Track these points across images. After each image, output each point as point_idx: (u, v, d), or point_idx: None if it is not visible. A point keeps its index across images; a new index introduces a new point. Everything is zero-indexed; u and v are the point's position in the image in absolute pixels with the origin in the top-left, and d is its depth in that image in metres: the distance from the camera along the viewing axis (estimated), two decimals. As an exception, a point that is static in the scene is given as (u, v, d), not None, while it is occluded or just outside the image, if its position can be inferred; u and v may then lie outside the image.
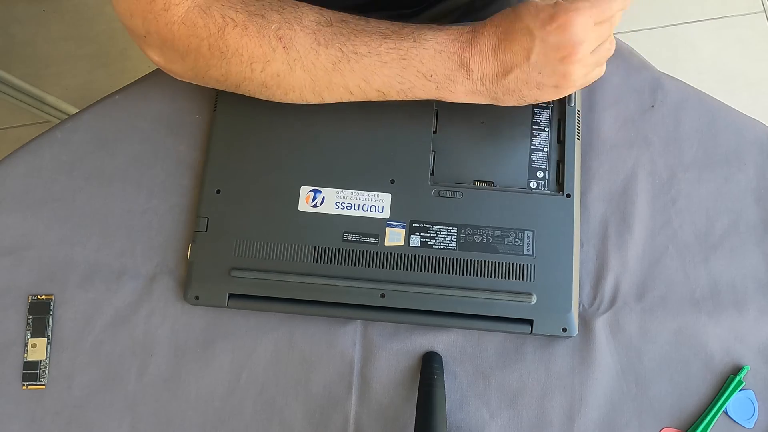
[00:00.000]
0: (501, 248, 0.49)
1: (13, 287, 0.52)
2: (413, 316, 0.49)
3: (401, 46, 0.45)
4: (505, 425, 0.48)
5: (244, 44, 0.45)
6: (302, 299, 0.49)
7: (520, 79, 0.45)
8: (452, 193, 0.50)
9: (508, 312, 0.48)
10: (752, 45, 1.22)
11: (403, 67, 0.45)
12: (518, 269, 0.49)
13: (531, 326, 0.48)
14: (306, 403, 0.49)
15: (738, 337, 0.50)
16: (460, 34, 0.46)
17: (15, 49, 1.23)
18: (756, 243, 0.52)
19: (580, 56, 0.44)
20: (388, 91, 0.47)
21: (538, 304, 0.48)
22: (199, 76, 0.48)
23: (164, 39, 0.46)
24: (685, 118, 0.54)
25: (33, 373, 0.50)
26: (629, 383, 0.49)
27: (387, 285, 0.48)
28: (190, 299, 0.50)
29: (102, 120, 0.55)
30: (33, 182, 0.54)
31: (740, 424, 0.49)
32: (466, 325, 0.49)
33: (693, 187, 0.53)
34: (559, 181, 0.51)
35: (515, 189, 0.50)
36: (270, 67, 0.46)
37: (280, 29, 0.45)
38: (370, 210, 0.50)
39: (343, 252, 0.49)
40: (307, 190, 0.51)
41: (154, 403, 0.50)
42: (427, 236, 0.49)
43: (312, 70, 0.46)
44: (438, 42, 0.45)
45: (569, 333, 0.48)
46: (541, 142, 0.51)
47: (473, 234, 0.49)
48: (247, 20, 0.45)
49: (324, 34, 0.45)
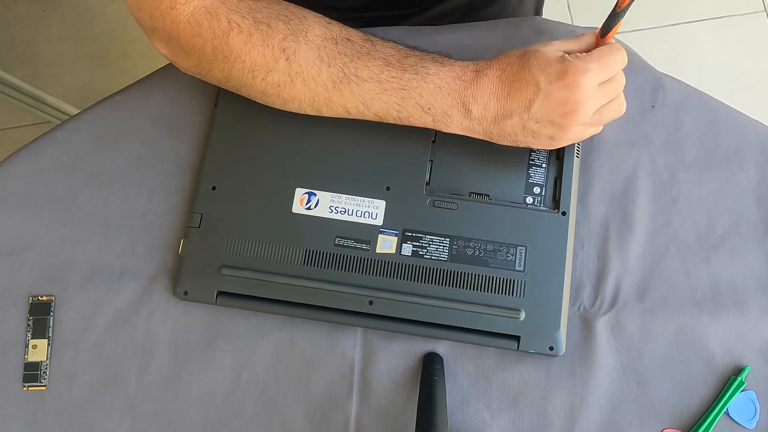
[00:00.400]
0: (492, 262, 0.49)
1: (14, 288, 0.52)
2: (400, 324, 0.49)
3: (403, 77, 0.45)
4: (506, 426, 0.48)
5: (248, 51, 0.45)
6: (291, 301, 0.49)
7: (517, 125, 0.46)
8: (447, 203, 0.50)
9: (495, 327, 0.48)
10: (753, 45, 1.22)
11: (402, 97, 0.46)
12: (508, 284, 0.48)
13: (518, 343, 0.48)
14: (307, 404, 0.49)
15: (739, 338, 0.50)
16: (464, 71, 0.46)
17: (15, 50, 1.23)
18: (757, 243, 0.52)
19: (581, 115, 0.44)
20: (385, 117, 0.47)
21: (527, 320, 0.48)
22: (202, 74, 0.49)
23: (170, 35, 0.46)
24: (686, 118, 0.54)
25: (34, 374, 0.50)
26: (630, 384, 0.49)
27: (376, 292, 0.48)
28: (179, 294, 0.50)
29: (103, 120, 0.55)
30: (34, 183, 0.54)
31: (741, 425, 0.49)
32: (453, 337, 0.49)
33: (694, 187, 0.53)
34: (555, 199, 0.50)
35: (511, 204, 0.50)
36: (271, 77, 0.46)
37: (284, 40, 0.45)
38: (364, 216, 0.50)
39: (334, 256, 0.49)
40: (302, 192, 0.51)
41: (154, 403, 0.50)
42: (419, 246, 0.49)
43: (312, 86, 0.46)
44: (440, 77, 0.45)
45: (556, 352, 0.48)
46: (539, 158, 0.51)
47: (465, 246, 0.49)
48: (253, 27, 0.45)
49: (328, 52, 0.45)
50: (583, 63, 0.44)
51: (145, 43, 1.20)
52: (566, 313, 0.48)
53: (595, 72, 0.44)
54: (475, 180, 0.51)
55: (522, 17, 0.59)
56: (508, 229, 0.49)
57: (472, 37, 0.56)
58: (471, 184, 0.51)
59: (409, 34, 0.56)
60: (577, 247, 0.51)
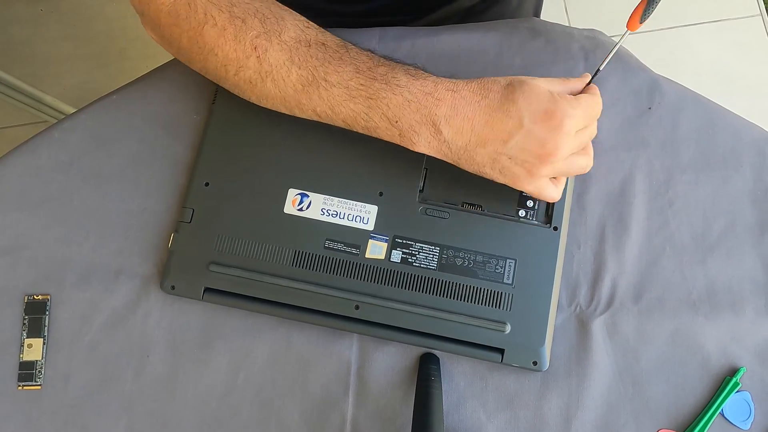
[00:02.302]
0: (481, 273, 0.49)
1: (10, 287, 0.51)
2: (385, 331, 0.48)
3: (372, 86, 0.44)
4: (502, 426, 0.48)
5: (220, 45, 0.45)
6: (278, 302, 0.49)
7: (488, 157, 0.44)
8: (439, 212, 0.50)
9: (480, 338, 0.48)
10: (750, 48, 1.22)
11: (369, 106, 0.44)
12: (496, 297, 0.48)
13: (502, 355, 0.48)
14: (303, 404, 0.49)
15: (734, 339, 0.50)
16: (437, 88, 0.44)
17: (13, 49, 1.23)
18: (752, 245, 0.52)
19: (557, 159, 0.43)
20: (353, 125, 0.46)
21: (512, 334, 0.48)
22: (187, 63, 0.49)
23: (155, 23, 0.47)
24: (683, 120, 0.54)
25: (29, 374, 0.50)
26: (626, 384, 0.49)
27: (363, 297, 0.48)
28: (166, 288, 0.50)
29: (99, 120, 0.55)
30: (30, 182, 0.53)
31: (736, 425, 0.49)
32: (437, 346, 0.49)
33: (690, 188, 0.53)
34: (548, 213, 0.50)
35: (503, 216, 0.50)
36: (243, 73, 0.46)
37: (257, 38, 0.45)
38: (355, 220, 0.50)
39: (323, 259, 0.49)
40: (295, 193, 0.50)
41: (150, 403, 0.49)
42: (408, 253, 0.49)
43: (282, 87, 0.45)
44: (410, 91, 0.43)
45: (539, 367, 0.48)
46: None
47: (455, 256, 0.49)
48: (227, 22, 0.45)
49: (300, 54, 0.45)
50: (570, 107, 0.42)
51: (144, 43, 1.20)
52: (552, 328, 0.48)
53: (579, 118, 0.43)
54: (469, 190, 0.50)
55: (520, 18, 0.59)
56: (498, 241, 0.49)
57: (469, 39, 0.56)
58: (464, 194, 0.50)
59: (408, 35, 0.56)
60: (574, 248, 0.51)
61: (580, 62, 0.55)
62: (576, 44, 0.56)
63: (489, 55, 0.56)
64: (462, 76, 0.45)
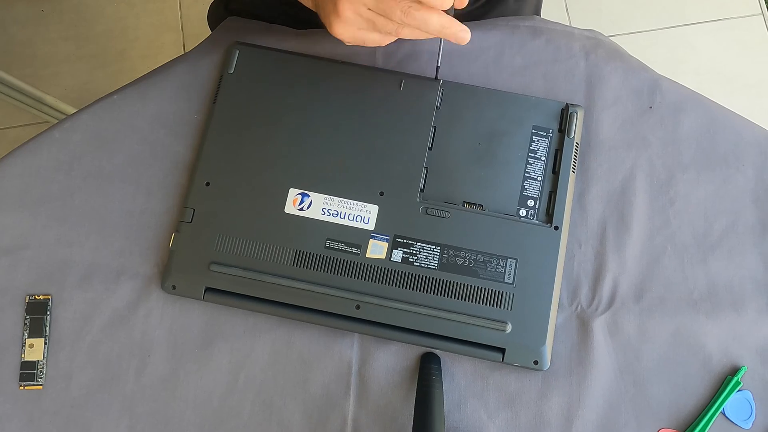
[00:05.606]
0: (482, 273, 0.49)
1: (11, 287, 0.51)
2: (385, 330, 0.48)
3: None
4: (502, 425, 0.48)
5: None
6: (278, 301, 0.49)
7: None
8: (440, 211, 0.50)
9: (481, 338, 0.48)
10: (751, 47, 1.22)
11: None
12: (496, 296, 0.48)
13: (503, 355, 0.48)
14: (304, 404, 0.49)
15: (736, 338, 0.50)
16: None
17: (14, 50, 1.23)
18: (754, 244, 0.52)
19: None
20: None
21: (513, 333, 0.48)
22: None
23: None
24: (684, 120, 0.54)
25: (30, 374, 0.50)
26: (627, 384, 0.49)
27: (363, 297, 0.48)
28: (167, 288, 0.50)
29: (100, 120, 0.55)
30: (31, 182, 0.53)
31: (738, 424, 0.49)
32: (438, 346, 0.49)
33: (691, 188, 0.53)
34: (549, 212, 0.50)
35: (504, 215, 0.50)
36: None
37: None
38: (356, 220, 0.50)
39: (323, 258, 0.49)
40: (296, 192, 0.50)
41: (152, 403, 0.50)
42: (409, 252, 0.49)
43: None
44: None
45: (540, 366, 0.48)
46: (535, 170, 0.51)
47: (456, 255, 0.49)
48: None
49: None
50: None
51: (144, 43, 1.20)
52: (553, 327, 0.48)
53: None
54: (470, 189, 0.50)
55: (521, 17, 0.59)
56: (499, 240, 0.49)
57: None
58: (465, 193, 0.50)
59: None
60: (575, 248, 0.51)
61: (581, 61, 0.55)
62: (577, 43, 0.56)
63: (490, 54, 0.56)
64: (463, 75, 0.45)
